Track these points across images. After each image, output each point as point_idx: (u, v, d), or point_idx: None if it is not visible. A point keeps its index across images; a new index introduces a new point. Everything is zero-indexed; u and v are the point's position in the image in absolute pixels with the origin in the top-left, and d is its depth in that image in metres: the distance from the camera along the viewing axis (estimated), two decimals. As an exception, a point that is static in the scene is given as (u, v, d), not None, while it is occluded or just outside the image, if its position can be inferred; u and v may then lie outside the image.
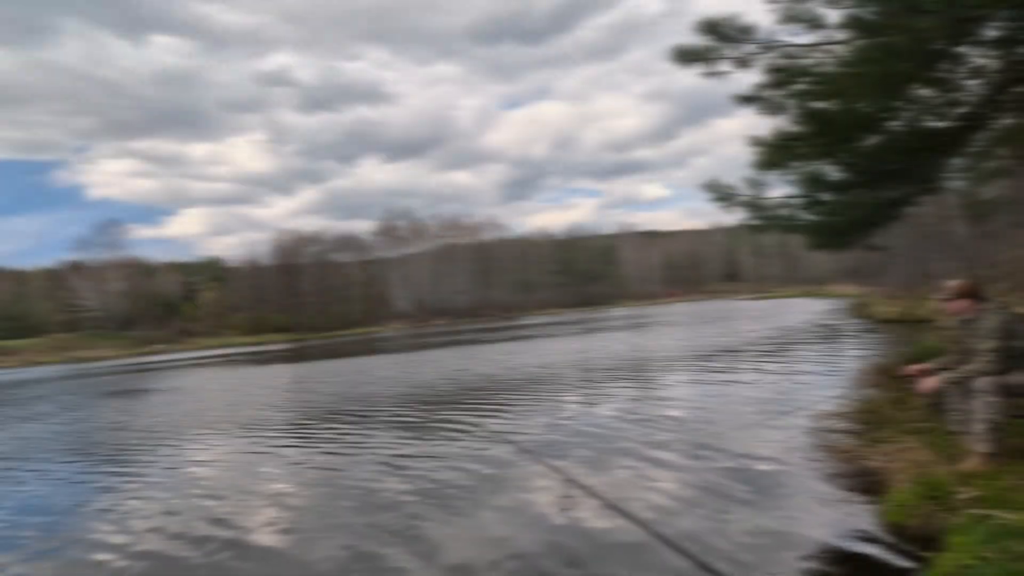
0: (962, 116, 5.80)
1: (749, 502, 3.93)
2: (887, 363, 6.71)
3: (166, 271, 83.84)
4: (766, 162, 5.92)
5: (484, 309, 73.69)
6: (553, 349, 17.61)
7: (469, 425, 7.21)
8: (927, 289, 18.33)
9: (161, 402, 12.97)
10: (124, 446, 8.03)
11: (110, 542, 4.28)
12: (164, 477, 6.12)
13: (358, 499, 4.72)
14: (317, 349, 32.63)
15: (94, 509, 5.18)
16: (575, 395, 8.90)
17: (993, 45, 5.30)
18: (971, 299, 3.63)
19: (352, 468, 5.72)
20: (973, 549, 2.54)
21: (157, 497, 5.36)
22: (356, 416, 8.71)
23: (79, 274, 67.71)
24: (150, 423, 9.88)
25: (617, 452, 5.43)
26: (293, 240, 75.58)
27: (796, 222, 6.27)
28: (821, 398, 6.85)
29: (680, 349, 14.34)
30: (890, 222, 6.92)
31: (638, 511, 3.83)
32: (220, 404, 11.65)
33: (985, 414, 3.30)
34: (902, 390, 5.05)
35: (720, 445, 5.33)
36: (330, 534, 4.04)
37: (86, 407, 13.31)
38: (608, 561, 3.25)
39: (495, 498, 4.50)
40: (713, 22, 5.32)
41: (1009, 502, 2.86)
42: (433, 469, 5.35)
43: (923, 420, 4.39)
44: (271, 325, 66.56)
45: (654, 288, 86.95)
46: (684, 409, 7.11)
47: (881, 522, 3.37)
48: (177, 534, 4.32)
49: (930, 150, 5.80)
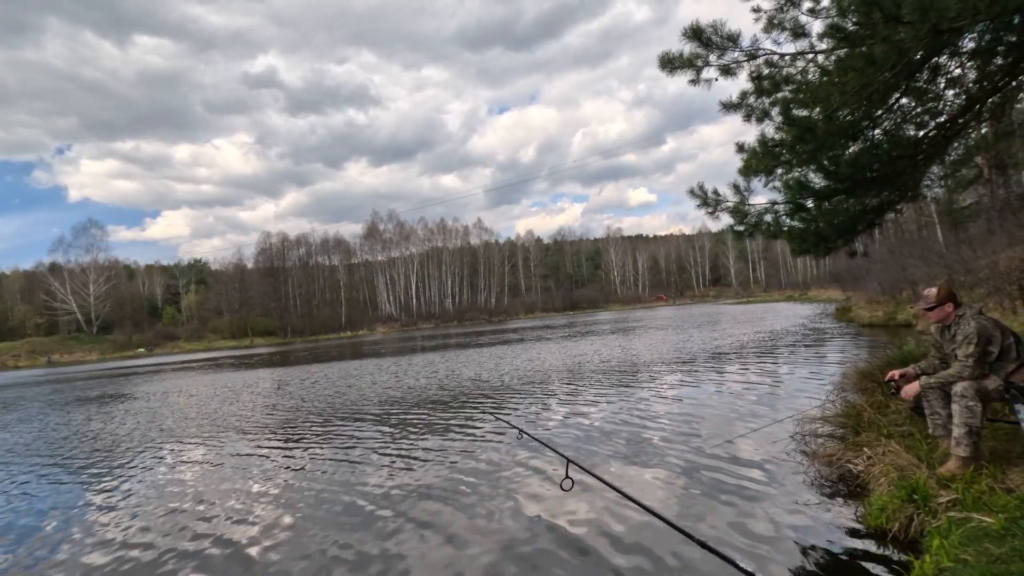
0: (940, 125, 5.93)
1: (732, 504, 3.95)
2: (869, 368, 6.81)
3: (148, 274, 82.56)
4: (751, 168, 6.00)
5: (471, 313, 73.57)
6: (544, 353, 17.61)
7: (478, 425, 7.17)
8: (908, 294, 18.65)
9: (139, 409, 12.73)
10: (100, 455, 7.86)
11: (78, 551, 4.19)
12: (142, 488, 6.00)
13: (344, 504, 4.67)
14: (303, 353, 32.30)
15: (62, 519, 5.07)
16: (563, 399, 8.90)
17: (970, 56, 5.43)
18: (949, 305, 3.70)
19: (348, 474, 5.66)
20: (952, 551, 2.58)
21: (133, 507, 5.25)
22: (345, 425, 8.62)
23: (58, 276, 66.35)
24: (127, 430, 9.69)
25: (601, 458, 5.44)
26: (278, 243, 74.86)
27: (780, 228, 6.35)
28: (804, 402, 6.93)
29: (667, 353, 14.42)
30: (871, 228, 7.03)
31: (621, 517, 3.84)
32: (196, 411, 11.46)
33: (963, 418, 3.35)
34: (884, 394, 5.13)
35: (705, 447, 5.37)
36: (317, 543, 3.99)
37: (60, 413, 13.01)
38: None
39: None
40: (699, 29, 5.37)
41: (987, 505, 2.91)
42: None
43: (904, 424, 4.47)
44: (256, 329, 65.83)
45: (640, 292, 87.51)
46: (669, 412, 7.15)
47: (863, 525, 3.40)
48: (152, 544, 4.24)
49: (909, 158, 5.91)
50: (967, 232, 22.22)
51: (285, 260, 74.47)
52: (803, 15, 5.43)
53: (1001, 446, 3.71)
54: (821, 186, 5.98)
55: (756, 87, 5.71)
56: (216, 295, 73.17)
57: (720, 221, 6.63)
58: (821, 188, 5.99)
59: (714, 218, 6.56)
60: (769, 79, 5.64)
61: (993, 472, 3.23)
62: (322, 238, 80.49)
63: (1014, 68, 5.40)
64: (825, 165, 5.74)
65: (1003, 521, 2.65)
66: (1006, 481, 3.15)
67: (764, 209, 6.31)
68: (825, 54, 5.35)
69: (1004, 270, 11.76)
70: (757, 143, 5.91)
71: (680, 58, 5.49)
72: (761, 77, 5.64)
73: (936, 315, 3.75)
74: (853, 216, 6.31)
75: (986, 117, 6.52)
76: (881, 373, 5.16)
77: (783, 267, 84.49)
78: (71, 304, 65.08)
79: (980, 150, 8.25)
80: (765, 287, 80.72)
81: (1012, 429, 3.73)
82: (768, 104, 5.71)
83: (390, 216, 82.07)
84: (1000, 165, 21.66)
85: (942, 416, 3.62)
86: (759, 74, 5.65)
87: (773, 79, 5.61)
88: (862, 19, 4.56)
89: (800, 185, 5.94)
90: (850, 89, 4.67)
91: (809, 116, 5.36)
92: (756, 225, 6.35)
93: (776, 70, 5.61)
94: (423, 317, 72.78)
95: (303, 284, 73.58)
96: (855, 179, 5.80)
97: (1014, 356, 3.47)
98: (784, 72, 5.60)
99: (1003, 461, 3.42)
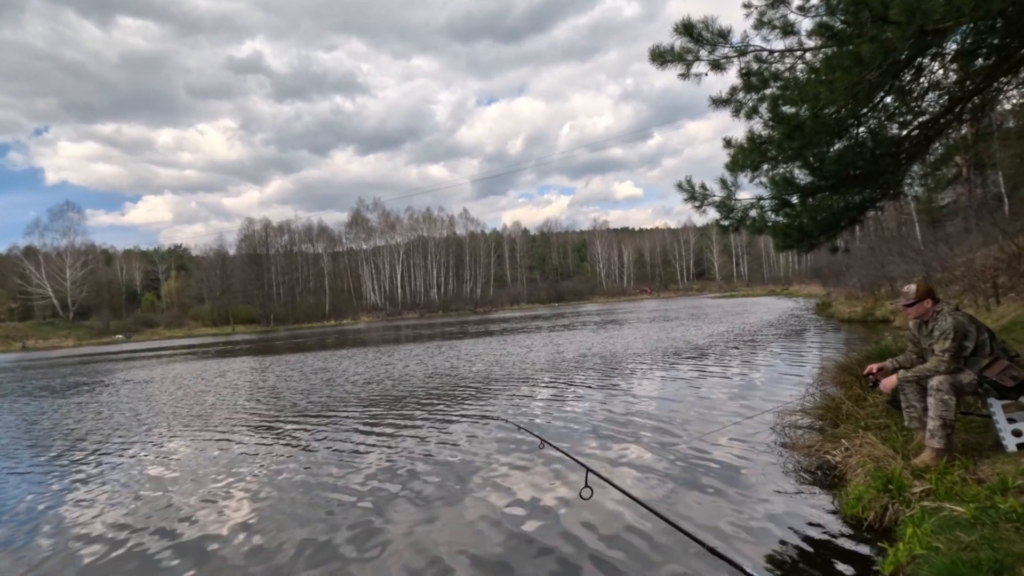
0: (923, 125, 6.04)
1: (713, 495, 4.03)
2: (848, 362, 6.95)
3: (127, 259, 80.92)
4: (738, 164, 6.05)
5: (456, 303, 73.45)
6: (535, 345, 17.67)
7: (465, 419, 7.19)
8: (886, 290, 19.03)
9: (113, 398, 12.54)
10: (72, 445, 7.74)
11: (51, 542, 4.14)
12: (113, 479, 5.93)
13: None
14: (285, 342, 32.01)
15: (32, 509, 5.00)
16: (551, 392, 8.96)
17: (953, 58, 5.53)
18: (928, 302, 3.79)
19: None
20: (925, 539, 2.67)
21: (103, 501, 5.19)
22: (323, 420, 8.59)
23: (33, 260, 64.73)
24: (100, 420, 9.55)
25: (588, 447, 5.50)
26: (261, 230, 73.78)
27: (765, 223, 6.43)
28: (786, 395, 7.07)
29: (652, 346, 14.56)
30: (854, 225, 7.15)
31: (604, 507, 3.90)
32: (170, 399, 11.33)
33: (938, 411, 3.45)
34: (862, 388, 5.26)
35: (687, 438, 5.46)
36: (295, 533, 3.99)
37: (32, 401, 12.77)
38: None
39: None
40: (690, 24, 5.39)
41: (958, 495, 3.01)
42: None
43: (881, 417, 4.58)
44: (237, 317, 65.01)
45: (625, 285, 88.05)
46: (652, 404, 7.24)
47: (840, 514, 3.50)
48: (121, 538, 4.20)
49: (892, 156, 6.01)
50: (945, 230, 22.71)
51: (268, 247, 73.48)
52: (792, 13, 5.47)
53: (973, 439, 3.83)
54: (806, 182, 6.06)
55: (745, 83, 5.75)
56: (197, 282, 72.07)
57: (706, 215, 6.69)
58: (806, 184, 6.07)
59: (701, 212, 6.62)
60: (758, 75, 5.68)
61: (965, 464, 3.34)
62: (306, 226, 79.59)
63: (994, 71, 5.51)
64: (811, 162, 5.81)
65: (973, 510, 2.74)
66: (977, 472, 3.25)
67: (750, 204, 6.37)
68: (813, 52, 5.41)
69: (979, 268, 12.07)
70: (745, 139, 5.96)
71: (671, 52, 5.51)
72: (750, 73, 5.68)
73: (915, 311, 3.84)
74: (836, 213, 6.41)
75: (966, 118, 6.66)
76: (860, 367, 5.29)
77: (766, 262, 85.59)
78: (47, 289, 63.57)
79: (960, 150, 8.44)
80: (748, 282, 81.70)
81: (984, 422, 3.85)
82: (757, 100, 5.75)
83: (375, 204, 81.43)
84: (979, 165, 22.15)
85: (918, 409, 3.73)
86: (748, 70, 5.69)
87: (762, 75, 5.65)
88: (850, 18, 4.61)
89: (786, 181, 6.01)
90: (837, 87, 4.72)
91: (797, 113, 5.42)
92: (742, 220, 6.42)
93: (765, 66, 5.65)
94: (408, 307, 72.48)
95: (287, 272, 72.73)
96: (840, 176, 5.88)
97: (988, 351, 3.57)
98: (773, 69, 5.64)
99: (975, 453, 3.53)
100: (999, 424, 3.53)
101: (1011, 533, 2.51)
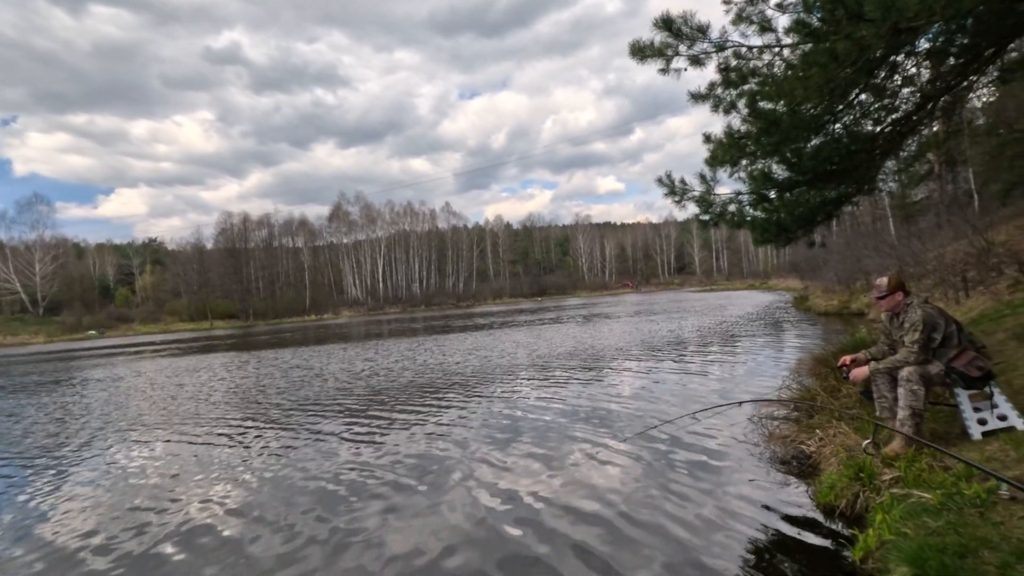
0: (896, 121, 6.17)
1: (690, 483, 4.10)
2: (823, 354, 7.10)
3: (99, 253, 78.92)
4: (717, 159, 6.11)
5: (439, 298, 73.14)
6: (516, 341, 17.69)
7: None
8: (861, 284, 19.44)
9: (86, 398, 12.27)
10: (42, 445, 7.57)
11: (26, 546, 4.05)
12: (89, 478, 5.81)
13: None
14: (265, 337, 31.59)
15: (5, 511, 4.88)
16: (532, 386, 8.99)
17: (925, 56, 5.65)
18: (899, 294, 3.88)
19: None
20: (894, 525, 2.75)
21: (77, 502, 5.08)
22: (306, 419, 8.50)
23: (1, 254, 62.78)
24: (72, 419, 9.34)
25: (568, 439, 5.54)
26: (240, 223, 72.47)
27: (744, 218, 6.52)
28: (762, 385, 7.20)
29: (633, 340, 14.70)
30: (830, 220, 7.29)
31: (587, 495, 3.93)
32: (144, 397, 11.13)
33: (908, 401, 3.55)
34: (837, 379, 5.37)
35: (665, 428, 5.53)
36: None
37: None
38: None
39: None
40: (669, 19, 5.41)
41: (926, 482, 3.10)
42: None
43: (854, 407, 4.69)
44: (216, 311, 63.88)
45: (607, 279, 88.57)
46: (631, 396, 7.32)
47: (813, 502, 3.58)
48: (101, 538, 4.12)
49: (867, 152, 6.14)
50: (917, 226, 23.24)
51: (247, 241, 72.23)
52: (771, 9, 5.53)
53: (940, 427, 3.95)
54: (784, 178, 6.16)
55: (724, 79, 5.81)
56: (173, 276, 70.55)
57: (686, 210, 6.76)
58: (784, 180, 6.16)
59: (680, 207, 6.70)
60: (736, 71, 5.73)
61: (932, 452, 3.44)
62: (286, 219, 78.41)
63: (965, 69, 5.65)
64: (788, 157, 5.90)
65: (940, 497, 2.83)
66: (944, 460, 3.35)
67: (729, 199, 6.45)
68: (791, 48, 5.48)
69: (949, 262, 12.39)
70: (724, 134, 6.02)
71: (651, 47, 5.53)
72: (729, 69, 5.74)
73: (887, 303, 3.93)
74: (813, 207, 6.53)
75: (938, 115, 6.82)
76: (834, 359, 5.40)
77: (745, 256, 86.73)
78: (14, 284, 61.74)
79: (932, 147, 8.64)
80: (728, 276, 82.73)
81: (951, 412, 3.97)
82: (735, 96, 5.81)
83: (357, 198, 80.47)
84: (950, 162, 22.70)
85: (888, 399, 3.82)
86: (727, 66, 5.74)
87: (740, 71, 5.71)
88: (826, 15, 4.68)
89: (764, 176, 6.10)
90: (813, 83, 4.80)
91: (774, 109, 5.49)
92: (721, 215, 6.50)
93: (743, 62, 5.71)
94: (390, 301, 71.96)
95: (266, 266, 71.58)
96: (816, 171, 5.99)
97: (956, 343, 3.68)
98: (751, 65, 5.70)
99: (942, 441, 3.64)
100: (965, 413, 3.64)
101: (975, 518, 2.59)
